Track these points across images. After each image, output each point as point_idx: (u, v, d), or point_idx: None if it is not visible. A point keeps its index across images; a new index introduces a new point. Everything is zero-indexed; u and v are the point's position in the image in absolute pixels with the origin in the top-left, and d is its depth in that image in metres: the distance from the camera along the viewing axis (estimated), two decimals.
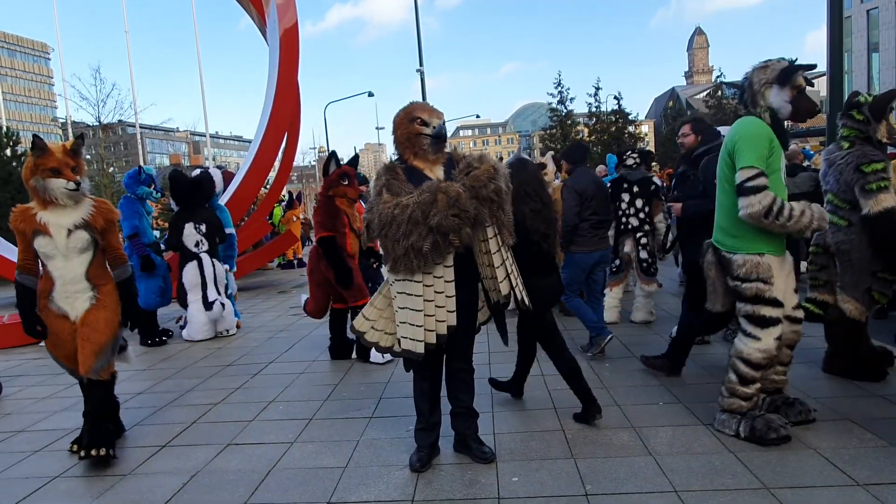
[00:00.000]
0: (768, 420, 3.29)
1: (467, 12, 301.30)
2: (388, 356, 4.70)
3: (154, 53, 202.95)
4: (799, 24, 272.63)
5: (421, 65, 19.92)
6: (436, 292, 3.02)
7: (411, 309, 3.04)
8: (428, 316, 3.02)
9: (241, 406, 4.50)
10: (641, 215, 6.08)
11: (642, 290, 6.28)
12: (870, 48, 38.73)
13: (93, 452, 3.44)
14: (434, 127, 3.13)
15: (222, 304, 6.95)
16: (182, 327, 7.22)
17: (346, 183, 5.49)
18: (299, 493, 3.06)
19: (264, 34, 11.99)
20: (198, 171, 7.78)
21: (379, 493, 3.01)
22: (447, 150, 3.26)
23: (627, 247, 6.15)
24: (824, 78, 7.75)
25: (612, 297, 6.31)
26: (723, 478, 2.93)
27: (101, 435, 3.53)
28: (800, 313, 3.46)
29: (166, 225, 12.13)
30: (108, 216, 3.70)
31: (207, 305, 6.85)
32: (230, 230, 7.40)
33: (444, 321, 3.04)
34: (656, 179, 6.58)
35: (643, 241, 6.10)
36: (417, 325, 3.03)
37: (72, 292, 3.58)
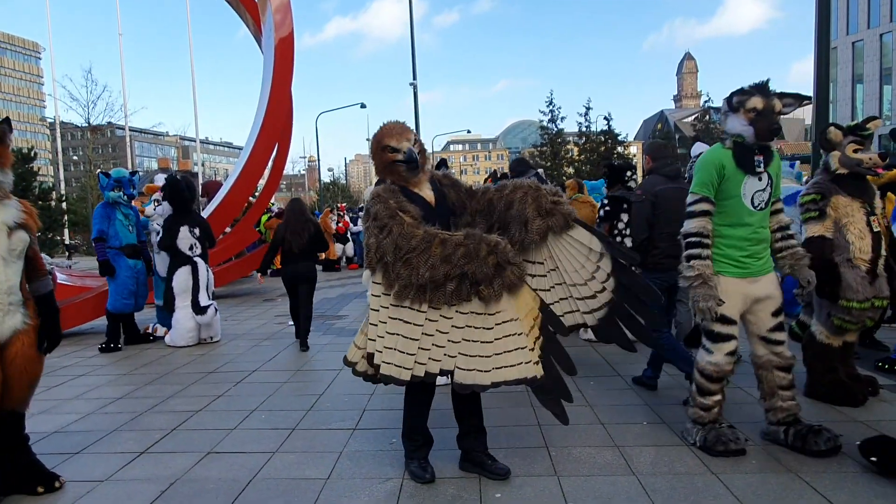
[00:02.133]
0: (720, 433, 3.43)
1: (464, 30, 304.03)
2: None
3: (147, 57, 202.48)
4: (785, 54, 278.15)
5: (414, 78, 20.04)
6: (437, 330, 2.94)
7: (404, 336, 2.94)
8: (423, 349, 2.93)
9: (223, 414, 4.45)
10: None
11: None
12: (854, 79, 39.57)
13: (56, 484, 3.24)
14: (404, 152, 3.08)
15: (215, 309, 6.93)
16: (151, 338, 7.21)
17: None
18: None
19: (259, 43, 12.02)
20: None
21: None
22: (427, 167, 3.25)
23: None
24: (810, 107, 7.91)
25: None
26: (705, 499, 2.93)
27: (39, 467, 3.27)
28: (778, 335, 3.50)
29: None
30: (36, 220, 3.26)
31: (200, 310, 6.83)
32: None
33: (438, 361, 2.94)
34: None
35: None
36: (409, 354, 2.94)
37: (6, 304, 3.05)
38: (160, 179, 7.75)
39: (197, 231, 6.91)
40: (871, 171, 4.10)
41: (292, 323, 8.22)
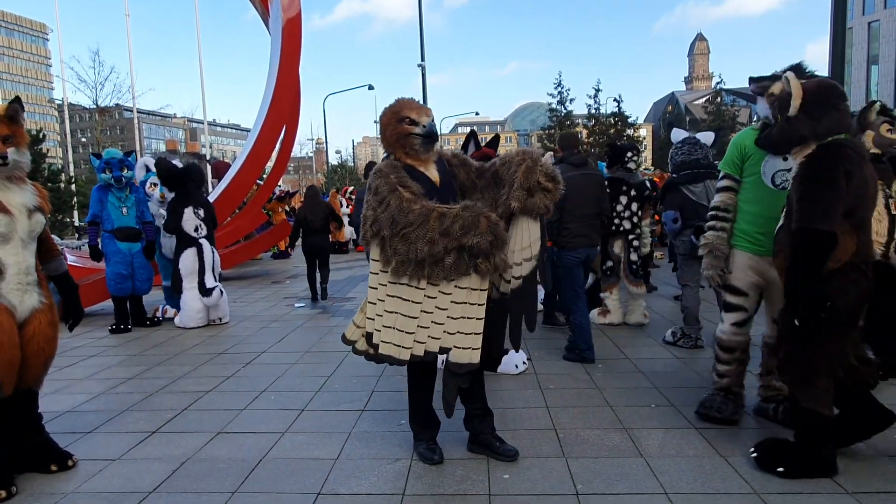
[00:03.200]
0: (713, 399, 3.68)
1: (474, 11, 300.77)
2: (524, 366, 4.85)
3: (154, 38, 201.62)
4: (800, 35, 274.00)
5: (423, 60, 19.88)
6: (437, 307, 2.92)
7: (404, 315, 2.94)
8: (422, 327, 2.93)
9: (233, 395, 4.48)
10: (635, 219, 6.11)
11: (630, 293, 6.31)
12: (869, 60, 38.95)
13: (69, 462, 3.29)
14: (424, 126, 3.04)
15: (221, 291, 6.95)
16: (157, 321, 7.21)
17: None
18: (289, 484, 3.05)
19: (267, 24, 11.93)
20: (176, 161, 7.79)
21: (370, 486, 3.00)
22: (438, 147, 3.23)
23: (616, 248, 6.18)
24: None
25: (612, 300, 6.34)
26: (713, 481, 2.94)
27: (52, 445, 3.32)
28: None
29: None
30: (48, 202, 3.33)
31: (206, 291, 6.85)
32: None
33: (437, 339, 2.93)
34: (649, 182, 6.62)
35: (634, 243, 6.15)
36: (408, 332, 2.93)
37: (24, 284, 3.12)
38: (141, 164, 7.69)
39: (202, 212, 6.89)
40: None
41: (301, 304, 8.27)
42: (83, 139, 61.19)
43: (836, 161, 2.82)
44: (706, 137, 5.70)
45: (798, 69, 3.50)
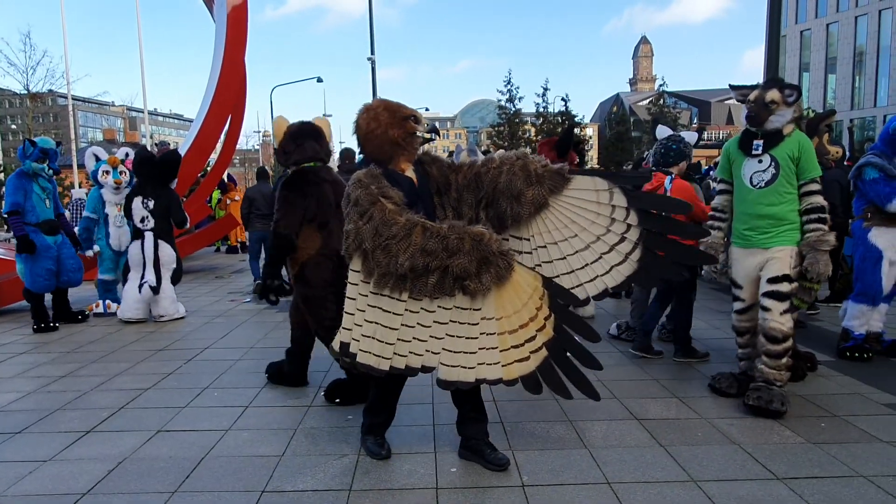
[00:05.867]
0: (721, 374, 4.14)
1: (428, 8, 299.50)
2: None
3: (91, 22, 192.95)
4: (739, 42, 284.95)
5: (372, 53, 19.71)
6: (418, 323, 2.84)
7: (384, 325, 2.86)
8: (402, 341, 2.85)
9: (174, 392, 4.35)
10: None
11: None
12: (801, 68, 40.83)
13: None
14: (427, 125, 3.06)
15: (151, 288, 6.64)
16: (86, 316, 6.93)
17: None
18: (233, 482, 2.99)
19: (212, 11, 11.59)
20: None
21: (316, 483, 2.97)
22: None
23: None
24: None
25: None
26: (653, 470, 3.03)
27: None
28: (765, 301, 3.76)
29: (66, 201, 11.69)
30: None
31: (139, 287, 6.61)
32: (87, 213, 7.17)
33: (420, 356, 2.86)
34: None
35: None
36: (388, 343, 2.86)
37: None
38: (122, 153, 7.34)
39: (151, 203, 6.60)
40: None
41: (248, 300, 8.09)
42: (13, 126, 58.11)
43: (295, 185, 3.98)
44: (690, 136, 5.85)
45: (775, 80, 3.88)
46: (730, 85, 4.11)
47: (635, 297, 5.58)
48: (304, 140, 4.09)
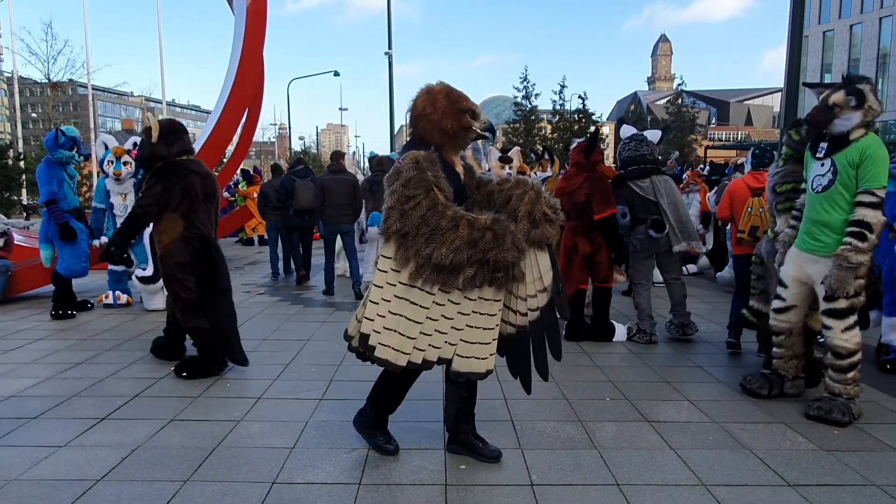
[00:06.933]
0: (752, 374, 4.18)
1: (449, 4, 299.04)
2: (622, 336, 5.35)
3: (112, 13, 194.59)
4: (760, 42, 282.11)
5: (390, 48, 19.72)
6: (443, 315, 2.83)
7: (408, 318, 2.83)
8: (424, 334, 2.84)
9: (187, 382, 4.39)
10: None
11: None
12: (823, 68, 40.27)
13: None
14: (485, 121, 2.99)
15: (139, 279, 6.71)
16: (90, 306, 6.96)
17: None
18: (244, 472, 3.02)
19: (231, 4, 11.64)
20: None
21: (326, 476, 2.99)
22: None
23: None
24: (779, 94, 8.05)
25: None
26: (663, 473, 3.02)
27: None
28: (826, 320, 3.68)
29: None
30: None
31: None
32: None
33: (438, 349, 2.85)
34: None
35: None
36: (409, 338, 2.83)
37: None
38: (130, 143, 7.37)
39: None
40: None
41: (263, 291, 8.14)
42: (34, 115, 58.81)
43: (165, 174, 4.43)
44: (653, 135, 5.83)
45: (848, 80, 3.61)
46: (803, 83, 4.03)
47: (638, 303, 5.56)
48: (180, 135, 4.62)
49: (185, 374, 4.44)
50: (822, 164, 3.63)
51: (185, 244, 4.45)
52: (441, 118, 2.92)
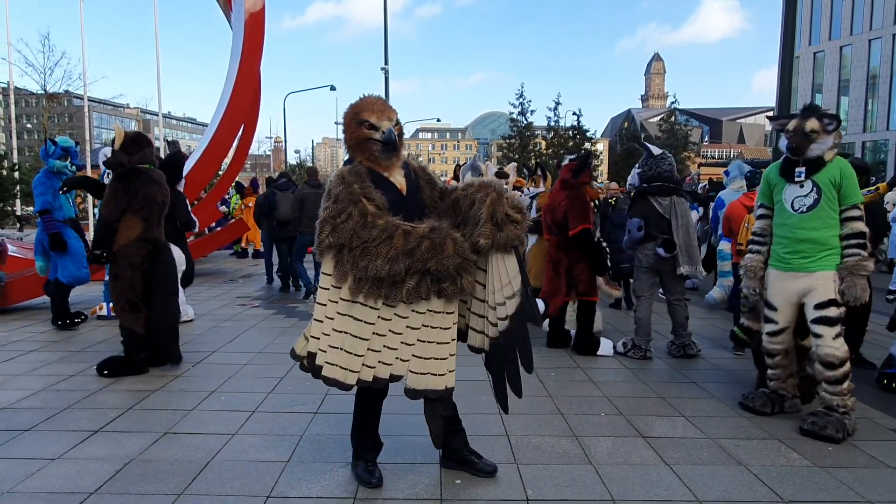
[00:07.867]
0: (753, 393, 4.21)
1: (445, 22, 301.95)
2: (613, 350, 5.44)
3: (109, 25, 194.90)
4: (752, 62, 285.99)
5: (386, 63, 19.85)
6: (390, 330, 2.74)
7: (353, 335, 2.72)
8: (373, 351, 2.73)
9: (181, 394, 4.37)
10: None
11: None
12: (813, 89, 40.74)
13: None
14: (383, 132, 2.81)
15: None
16: (83, 318, 6.83)
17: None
18: (238, 486, 3.00)
19: (229, 18, 11.73)
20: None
21: (321, 490, 2.97)
22: (404, 153, 3.04)
23: None
24: (771, 113, 8.16)
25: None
26: (658, 489, 3.02)
27: None
28: (816, 328, 3.76)
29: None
30: None
31: None
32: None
33: (389, 365, 2.74)
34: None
35: None
36: (356, 355, 2.73)
37: None
38: (102, 155, 7.38)
39: None
40: None
41: (257, 304, 8.13)
42: (29, 125, 58.65)
43: (128, 180, 4.80)
44: (656, 151, 5.92)
45: (812, 108, 3.86)
46: (767, 116, 4.19)
47: (638, 318, 5.58)
48: (143, 147, 4.98)
49: (106, 372, 4.74)
50: (802, 186, 3.81)
51: (140, 246, 4.77)
52: (346, 130, 2.91)
